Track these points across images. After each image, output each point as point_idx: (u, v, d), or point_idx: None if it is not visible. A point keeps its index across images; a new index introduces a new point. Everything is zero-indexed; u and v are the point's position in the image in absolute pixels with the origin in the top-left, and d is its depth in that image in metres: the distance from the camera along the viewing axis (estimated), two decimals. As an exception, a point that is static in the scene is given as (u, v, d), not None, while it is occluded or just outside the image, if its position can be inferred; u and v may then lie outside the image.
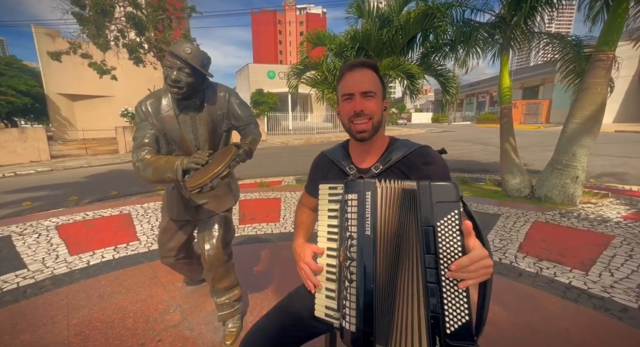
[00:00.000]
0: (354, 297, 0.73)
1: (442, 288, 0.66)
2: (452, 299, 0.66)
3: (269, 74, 23.87)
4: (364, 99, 0.88)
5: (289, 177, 6.25)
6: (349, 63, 0.93)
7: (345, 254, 0.77)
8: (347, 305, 0.75)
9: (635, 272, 2.14)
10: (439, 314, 0.66)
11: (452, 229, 0.67)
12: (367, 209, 0.75)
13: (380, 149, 0.96)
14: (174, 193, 1.54)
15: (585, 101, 3.81)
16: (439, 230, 0.67)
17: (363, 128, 0.88)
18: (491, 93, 32.79)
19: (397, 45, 4.88)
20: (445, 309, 0.66)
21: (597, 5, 4.51)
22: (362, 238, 0.74)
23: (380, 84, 0.91)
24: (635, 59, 18.49)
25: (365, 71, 0.89)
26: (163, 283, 2.16)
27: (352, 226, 0.76)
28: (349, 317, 0.74)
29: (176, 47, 1.23)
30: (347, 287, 0.75)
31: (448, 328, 0.66)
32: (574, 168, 3.86)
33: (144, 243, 2.91)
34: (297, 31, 62.42)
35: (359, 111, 0.87)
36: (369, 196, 0.76)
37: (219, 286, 1.56)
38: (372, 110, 0.88)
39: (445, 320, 0.66)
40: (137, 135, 1.29)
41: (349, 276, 0.75)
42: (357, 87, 0.88)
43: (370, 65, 0.90)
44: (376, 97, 0.89)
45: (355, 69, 0.89)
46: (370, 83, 0.88)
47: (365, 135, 0.89)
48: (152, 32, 6.76)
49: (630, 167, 6.40)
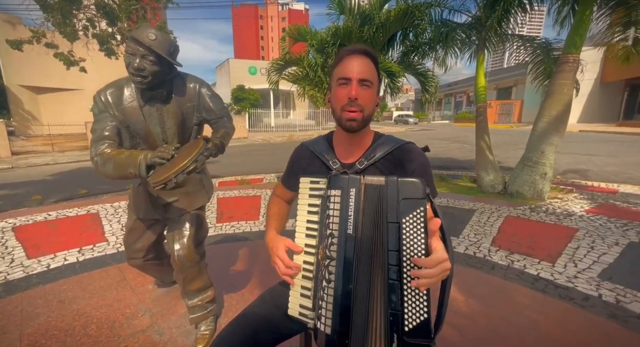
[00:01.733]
0: (330, 298, 0.71)
1: (403, 286, 0.65)
2: (412, 296, 0.65)
3: (251, 69, 23.41)
4: (360, 87, 0.82)
5: (270, 175, 6.15)
6: (351, 47, 0.86)
7: (325, 252, 0.74)
8: (324, 306, 0.71)
9: (596, 263, 2.27)
10: (399, 311, 0.65)
11: (416, 227, 0.66)
12: (350, 207, 0.72)
13: (365, 144, 0.93)
14: (140, 190, 1.45)
15: (553, 101, 4.00)
16: (404, 227, 0.66)
17: (354, 116, 0.82)
18: (468, 93, 33.94)
19: (378, 43, 4.90)
20: (405, 306, 0.65)
21: (564, 10, 4.75)
22: (344, 237, 0.71)
23: (377, 77, 0.86)
24: (598, 63, 19.80)
25: (366, 59, 0.83)
26: (132, 286, 2.04)
27: (334, 224, 0.73)
28: (324, 319, 0.71)
29: (138, 32, 1.14)
30: (325, 287, 0.72)
31: (407, 326, 0.65)
32: (543, 165, 4.04)
33: (112, 244, 2.75)
34: (279, 27, 61.62)
35: (354, 98, 0.81)
36: (353, 193, 0.72)
37: (190, 288, 1.49)
38: (366, 101, 0.83)
39: (404, 317, 0.65)
40: (95, 127, 1.19)
41: (327, 275, 0.72)
42: (355, 72, 0.81)
43: (372, 55, 0.85)
44: (372, 88, 0.84)
45: (356, 54, 0.83)
46: (369, 72, 0.83)
47: (354, 125, 0.84)
48: (125, 22, 6.41)
49: (593, 164, 6.81)
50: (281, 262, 0.87)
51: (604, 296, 1.85)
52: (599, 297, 1.85)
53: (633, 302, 1.79)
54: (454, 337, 1.51)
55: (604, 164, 6.78)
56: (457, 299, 1.84)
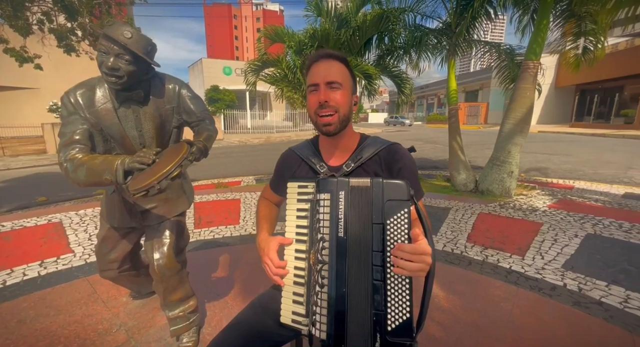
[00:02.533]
0: (324, 303, 0.70)
1: (387, 286, 0.66)
2: (396, 296, 0.66)
3: (225, 70, 22.84)
4: (329, 89, 0.84)
5: (248, 177, 6.03)
6: (314, 53, 0.89)
7: (317, 257, 0.73)
8: (318, 311, 0.71)
9: (560, 254, 2.45)
10: (382, 311, 0.66)
11: (400, 228, 0.67)
12: (340, 210, 0.72)
13: (351, 146, 0.94)
14: (115, 197, 1.36)
15: (517, 104, 4.28)
16: (389, 228, 0.67)
17: (328, 121, 0.84)
18: (439, 95, 35.47)
19: (355, 46, 4.98)
20: (389, 306, 0.66)
21: (525, 19, 5.13)
22: (335, 240, 0.71)
23: (348, 76, 0.88)
24: (553, 69, 21.52)
25: (331, 62, 0.85)
26: (104, 299, 1.91)
27: (324, 228, 0.73)
28: (319, 324, 0.70)
29: (112, 30, 1.07)
30: (318, 292, 0.71)
31: (389, 325, 0.66)
32: (510, 164, 4.31)
33: (79, 255, 2.55)
34: (254, 27, 60.75)
35: (323, 102, 0.83)
36: (342, 196, 0.72)
37: (171, 298, 1.42)
38: (338, 102, 0.84)
39: (387, 317, 0.66)
40: (64, 131, 1.10)
41: (320, 280, 0.71)
42: (321, 77, 0.84)
43: (337, 57, 0.86)
44: (343, 89, 0.85)
45: (320, 60, 0.86)
46: (336, 74, 0.84)
47: (331, 128, 0.85)
48: (86, 17, 5.97)
49: (552, 163, 7.37)
50: (271, 263, 0.85)
51: (568, 285, 2.01)
52: (564, 286, 2.00)
53: (593, 289, 1.95)
54: (437, 333, 1.56)
55: (561, 162, 7.36)
56: (438, 295, 1.90)
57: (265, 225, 1.01)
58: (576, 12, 4.52)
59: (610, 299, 1.84)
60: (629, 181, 5.32)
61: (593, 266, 2.25)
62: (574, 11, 4.54)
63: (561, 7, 4.61)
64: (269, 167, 7.18)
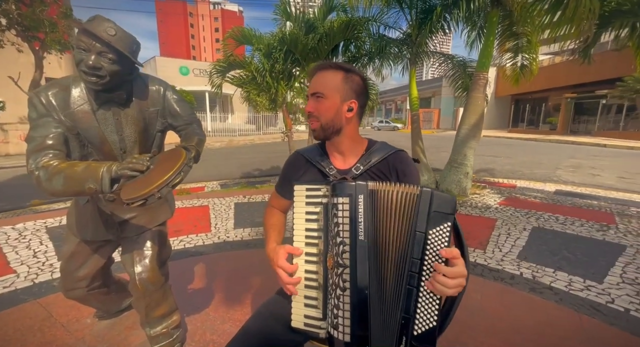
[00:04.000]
0: (347, 306, 0.71)
1: (420, 293, 0.69)
2: (426, 304, 0.69)
3: (182, 69, 21.56)
4: (313, 100, 0.92)
5: (212, 183, 5.76)
6: (312, 66, 0.99)
7: (336, 260, 0.74)
8: (340, 314, 0.72)
9: (514, 247, 2.75)
10: (411, 316, 0.69)
11: (440, 240, 0.70)
12: (359, 213, 0.73)
13: (359, 150, 0.98)
14: (89, 208, 1.22)
15: (471, 111, 4.72)
16: (430, 238, 0.69)
17: (313, 127, 0.94)
18: (396, 101, 37.50)
19: (323, 52, 5.08)
20: (418, 312, 0.69)
21: (472, 35, 5.70)
22: (356, 244, 0.73)
23: (338, 85, 0.90)
24: (492, 81, 24.12)
25: (323, 73, 0.92)
26: (63, 323, 1.69)
27: (345, 231, 0.73)
28: (342, 327, 0.71)
29: (94, 25, 0.98)
30: (340, 295, 0.72)
31: (416, 330, 0.69)
32: (465, 166, 4.73)
33: (23, 276, 2.23)
34: (211, 27, 58.45)
35: (307, 112, 0.94)
36: (361, 199, 0.74)
37: (154, 314, 1.32)
38: (319, 111, 0.92)
39: (415, 322, 0.69)
40: (34, 135, 0.97)
41: (341, 283, 0.72)
42: (310, 88, 0.93)
43: (332, 66, 0.92)
44: (325, 98, 0.91)
45: (316, 72, 0.94)
46: (322, 85, 0.91)
47: (315, 134, 0.95)
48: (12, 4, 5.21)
49: (497, 164, 8.22)
50: (283, 272, 0.85)
51: (524, 274, 2.27)
52: (520, 275, 2.26)
53: (544, 276, 2.23)
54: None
55: (504, 164, 8.25)
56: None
57: (272, 235, 1.00)
58: (515, 31, 5.15)
59: (558, 284, 2.12)
60: (557, 180, 6.14)
61: (541, 255, 2.57)
62: (513, 31, 5.17)
63: (502, 27, 5.22)
64: (233, 172, 6.94)
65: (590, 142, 13.83)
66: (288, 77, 5.10)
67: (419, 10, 5.11)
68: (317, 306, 0.82)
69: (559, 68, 18.40)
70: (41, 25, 10.62)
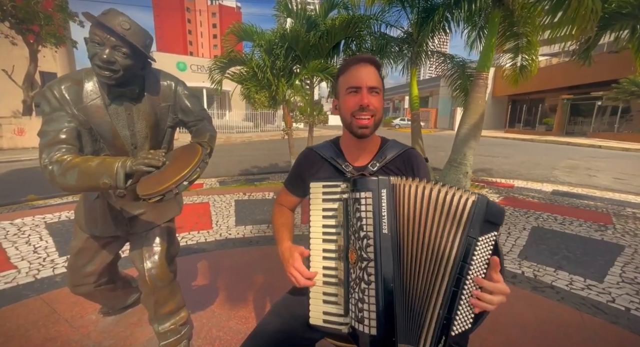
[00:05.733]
0: (372, 299, 0.72)
1: (462, 295, 0.70)
2: (466, 307, 0.70)
3: (179, 65, 21.35)
4: (370, 94, 0.87)
5: (210, 180, 5.74)
6: (356, 57, 0.93)
7: (359, 254, 0.74)
8: (365, 308, 0.72)
9: (515, 246, 2.78)
10: (452, 316, 0.70)
11: (486, 248, 0.70)
12: (383, 207, 0.74)
13: (373, 148, 0.98)
14: (98, 203, 1.21)
15: (471, 111, 4.74)
16: (478, 245, 0.70)
17: (365, 124, 0.88)
18: (393, 100, 37.53)
19: (324, 49, 5.06)
20: (458, 314, 0.70)
21: (473, 35, 5.72)
22: (379, 237, 0.73)
23: (382, 84, 0.91)
24: (490, 81, 24.26)
25: (371, 68, 0.89)
26: (67, 319, 1.68)
27: (368, 226, 0.74)
28: (367, 320, 0.72)
29: (108, 19, 0.96)
30: (365, 289, 0.73)
31: (454, 330, 0.71)
32: (465, 165, 4.75)
33: (25, 271, 2.21)
34: (209, 23, 57.93)
35: (365, 105, 0.86)
36: (384, 194, 0.75)
37: (162, 311, 1.31)
38: (376, 107, 0.88)
39: (454, 323, 0.70)
40: (47, 129, 0.96)
41: (365, 277, 0.73)
42: (364, 81, 0.87)
43: (376, 64, 0.91)
44: (380, 95, 0.90)
45: (362, 63, 0.89)
46: (377, 80, 0.88)
47: (367, 131, 0.89)
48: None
49: (495, 164, 8.29)
50: (299, 274, 0.85)
51: (526, 273, 2.29)
52: (522, 274, 2.29)
53: (545, 275, 2.26)
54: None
55: (501, 164, 8.32)
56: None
57: (285, 233, 1.00)
58: (515, 31, 5.18)
59: (559, 283, 2.15)
60: (554, 180, 6.21)
61: (541, 254, 2.60)
62: (513, 31, 5.20)
63: (503, 28, 5.24)
64: (231, 169, 6.91)
65: (585, 144, 14.01)
66: (289, 74, 5.08)
67: (421, 9, 5.12)
68: (337, 301, 0.82)
69: (555, 69, 18.57)
70: (36, 17, 10.44)
